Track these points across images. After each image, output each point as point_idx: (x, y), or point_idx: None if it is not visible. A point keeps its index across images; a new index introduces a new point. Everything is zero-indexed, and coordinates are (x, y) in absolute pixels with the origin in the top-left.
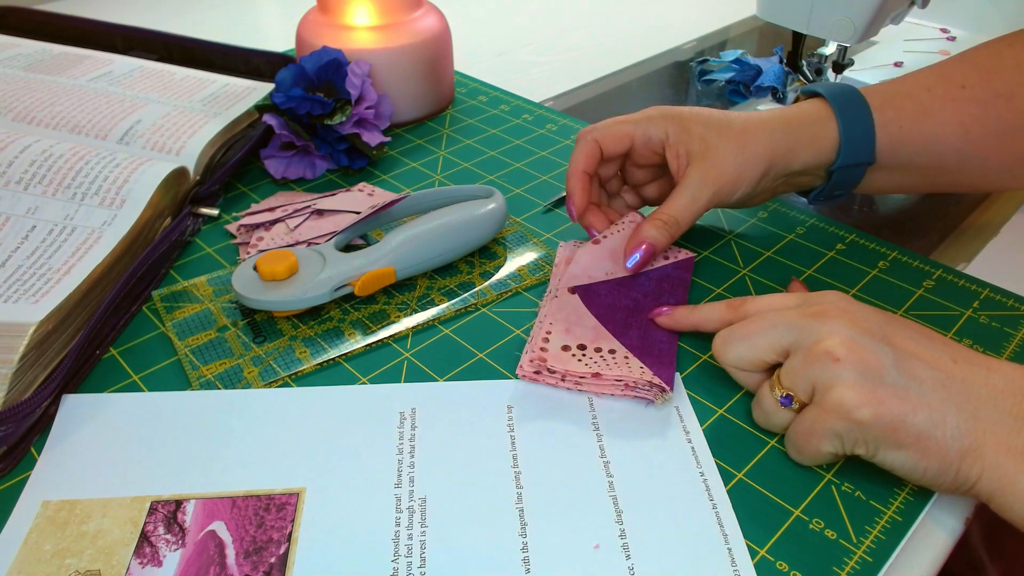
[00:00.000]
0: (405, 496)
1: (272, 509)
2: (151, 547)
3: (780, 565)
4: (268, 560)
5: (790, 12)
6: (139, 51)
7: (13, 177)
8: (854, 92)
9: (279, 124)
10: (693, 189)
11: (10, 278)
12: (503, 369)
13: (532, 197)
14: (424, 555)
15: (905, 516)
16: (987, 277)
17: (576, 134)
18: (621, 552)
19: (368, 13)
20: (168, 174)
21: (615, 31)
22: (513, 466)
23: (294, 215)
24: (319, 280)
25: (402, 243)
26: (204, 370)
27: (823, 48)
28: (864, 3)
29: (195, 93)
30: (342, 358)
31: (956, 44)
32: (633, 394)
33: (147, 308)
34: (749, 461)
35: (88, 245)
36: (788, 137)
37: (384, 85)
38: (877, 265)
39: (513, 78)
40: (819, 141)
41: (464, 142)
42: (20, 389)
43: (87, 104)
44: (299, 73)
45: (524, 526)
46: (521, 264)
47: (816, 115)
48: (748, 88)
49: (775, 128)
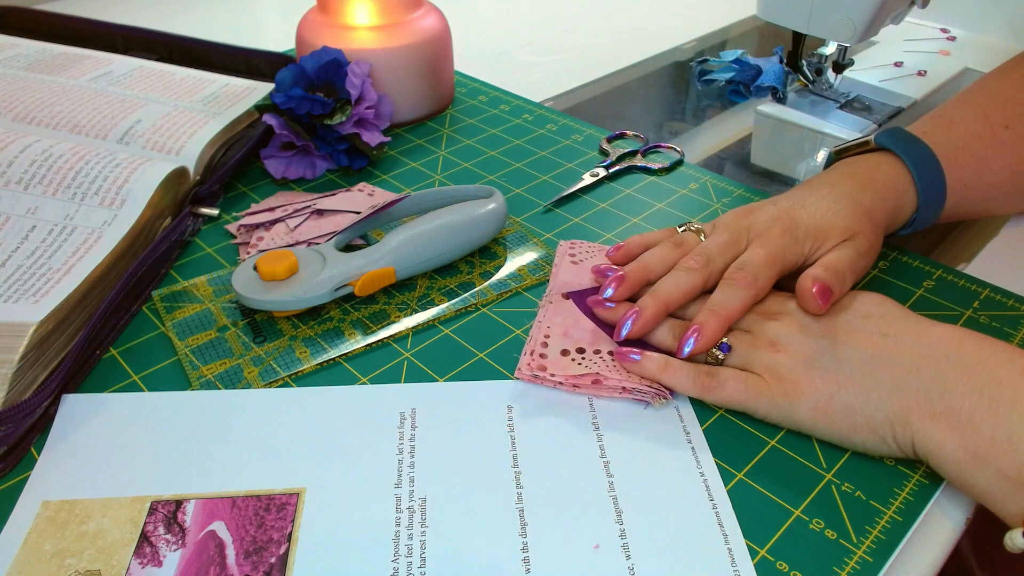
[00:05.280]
0: (405, 496)
1: (272, 509)
2: (151, 547)
3: (780, 565)
4: (268, 560)
5: (790, 12)
6: (139, 51)
7: (13, 177)
8: (929, 154)
9: (279, 124)
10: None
11: (10, 278)
12: (503, 369)
13: (532, 197)
14: (424, 555)
15: (905, 516)
16: (987, 277)
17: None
18: (621, 552)
19: (368, 13)
20: (168, 174)
21: (615, 31)
22: (513, 466)
23: (294, 215)
24: (319, 280)
25: (402, 243)
26: (204, 370)
27: (823, 48)
28: (864, 3)
29: (195, 93)
30: (342, 358)
31: (956, 44)
32: (632, 396)
33: (147, 308)
34: (749, 461)
35: (88, 245)
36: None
37: (384, 85)
38: (877, 265)
39: (513, 78)
40: (903, 212)
41: (464, 142)
42: (20, 389)
43: (87, 104)
44: (299, 73)
45: (524, 526)
46: (521, 264)
47: (898, 179)
48: (748, 88)
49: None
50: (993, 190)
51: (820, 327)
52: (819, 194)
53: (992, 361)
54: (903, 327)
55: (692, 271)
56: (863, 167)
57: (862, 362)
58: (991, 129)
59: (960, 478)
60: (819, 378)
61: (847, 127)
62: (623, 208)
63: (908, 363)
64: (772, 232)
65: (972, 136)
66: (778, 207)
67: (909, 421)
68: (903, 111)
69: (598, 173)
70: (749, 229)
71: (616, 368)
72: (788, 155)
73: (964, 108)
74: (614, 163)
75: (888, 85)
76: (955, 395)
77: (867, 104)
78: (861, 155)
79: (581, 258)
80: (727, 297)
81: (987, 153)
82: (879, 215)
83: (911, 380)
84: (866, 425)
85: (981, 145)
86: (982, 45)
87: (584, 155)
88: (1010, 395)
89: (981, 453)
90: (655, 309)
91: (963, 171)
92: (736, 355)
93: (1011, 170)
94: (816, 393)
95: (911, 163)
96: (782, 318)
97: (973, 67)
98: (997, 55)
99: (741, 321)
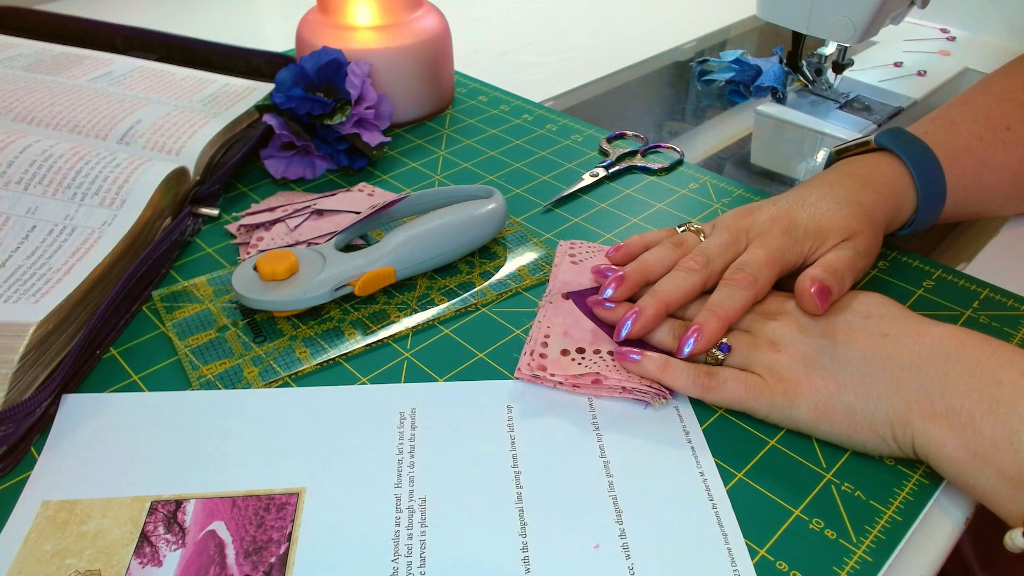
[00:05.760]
0: (405, 496)
1: (272, 509)
2: (151, 547)
3: (780, 565)
4: (268, 560)
5: (790, 12)
6: (139, 51)
7: (13, 177)
8: (929, 154)
9: (279, 124)
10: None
11: (10, 278)
12: (503, 369)
13: (532, 197)
14: (424, 555)
15: (905, 516)
16: (987, 277)
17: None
18: (621, 552)
19: (368, 13)
20: (168, 174)
21: (615, 31)
22: (513, 466)
23: (294, 215)
24: (319, 280)
25: (402, 243)
26: (204, 370)
27: (823, 48)
28: (864, 3)
29: (195, 93)
30: (342, 358)
31: (956, 44)
32: (632, 396)
33: (147, 308)
34: (749, 461)
35: (88, 245)
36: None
37: (384, 85)
38: (877, 265)
39: (513, 78)
40: (902, 212)
41: (464, 142)
42: (20, 389)
43: (87, 104)
44: (299, 73)
45: (524, 526)
46: (521, 264)
47: (898, 179)
48: (748, 88)
49: (886, 200)
50: (993, 191)
51: (820, 327)
52: (818, 194)
53: (992, 361)
54: (903, 327)
55: (692, 271)
56: (863, 167)
57: (862, 362)
58: (992, 130)
59: (960, 478)
60: (819, 378)
61: (847, 127)
62: (623, 208)
63: (908, 363)
64: (772, 232)
65: (973, 137)
66: (777, 207)
67: (909, 421)
68: (903, 111)
69: (598, 173)
70: (749, 229)
71: (616, 368)
72: (788, 155)
73: (965, 109)
74: (614, 163)
75: (888, 85)
76: (955, 395)
77: (867, 104)
78: (861, 155)
79: (581, 258)
80: (727, 297)
81: (988, 154)
82: (879, 215)
83: (911, 380)
84: (866, 425)
85: (982, 146)
86: (982, 45)
87: (584, 155)
88: (1010, 395)
89: (981, 453)
90: (655, 309)
91: (963, 172)
92: (736, 355)
93: (1012, 171)
94: (816, 393)
95: (911, 163)
96: (782, 318)
97: (973, 67)
98: (997, 55)
99: (741, 321)
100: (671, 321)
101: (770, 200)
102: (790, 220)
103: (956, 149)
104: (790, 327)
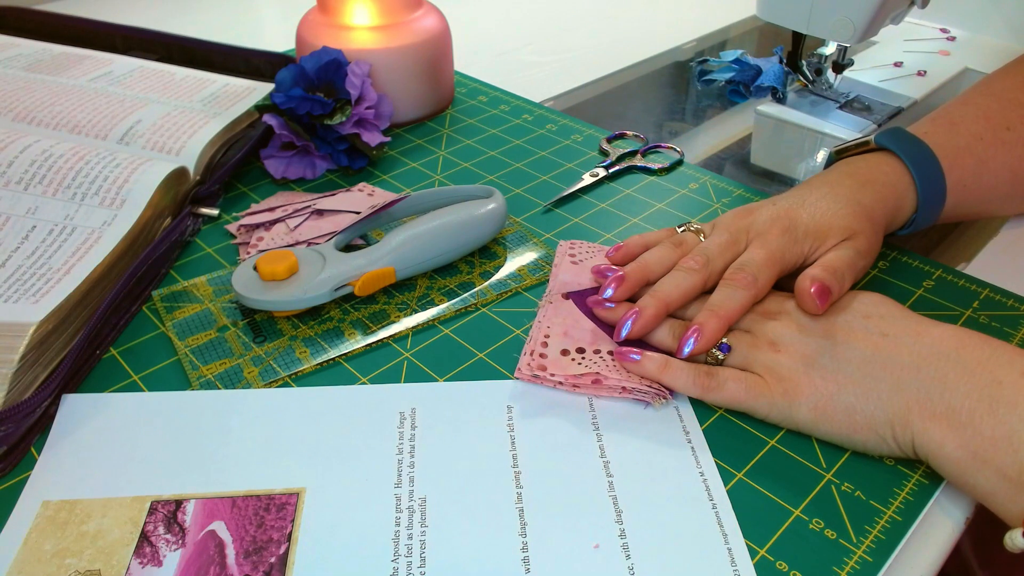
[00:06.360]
0: (405, 496)
1: (272, 509)
2: (151, 547)
3: (780, 565)
4: (268, 560)
5: (790, 12)
6: (139, 51)
7: (13, 177)
8: (929, 154)
9: (279, 124)
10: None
11: (10, 278)
12: (503, 369)
13: (532, 197)
14: (424, 555)
15: (905, 516)
16: (987, 277)
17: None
18: (621, 552)
19: (368, 13)
20: (168, 174)
21: (615, 31)
22: (513, 466)
23: (294, 215)
24: (319, 280)
25: (402, 243)
26: (204, 370)
27: (823, 48)
28: (864, 3)
29: (195, 93)
30: (342, 358)
31: (956, 44)
32: (632, 396)
33: (147, 308)
34: (749, 461)
35: (88, 245)
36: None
37: (384, 85)
38: (877, 265)
39: (513, 78)
40: (902, 212)
41: (464, 142)
42: (20, 389)
43: (87, 104)
44: (299, 73)
45: (524, 526)
46: (521, 264)
47: (898, 179)
48: (748, 88)
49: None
50: (993, 191)
51: (820, 327)
52: (818, 194)
53: (992, 361)
54: (903, 327)
55: (692, 271)
56: (863, 167)
57: (862, 362)
58: (992, 130)
59: (960, 478)
60: (819, 378)
61: (847, 127)
62: (623, 208)
63: (908, 363)
64: (772, 232)
65: (973, 137)
66: (777, 207)
67: (909, 421)
68: (903, 111)
69: (598, 173)
70: (749, 229)
71: (616, 368)
72: (788, 155)
73: (966, 109)
74: (614, 163)
75: (888, 85)
76: (955, 395)
77: (867, 104)
78: (861, 155)
79: (581, 258)
80: (727, 297)
81: (988, 154)
82: (879, 215)
83: (911, 380)
84: (866, 425)
85: (982, 146)
86: (982, 45)
87: (584, 155)
88: (1010, 395)
89: (981, 453)
90: (655, 309)
91: (963, 172)
92: (736, 355)
93: (1011, 171)
94: (816, 393)
95: (911, 163)
96: (782, 318)
97: (973, 67)
98: (997, 55)
99: (741, 321)
100: (671, 321)
101: (770, 200)
102: (790, 220)
103: (956, 149)
104: (790, 327)
